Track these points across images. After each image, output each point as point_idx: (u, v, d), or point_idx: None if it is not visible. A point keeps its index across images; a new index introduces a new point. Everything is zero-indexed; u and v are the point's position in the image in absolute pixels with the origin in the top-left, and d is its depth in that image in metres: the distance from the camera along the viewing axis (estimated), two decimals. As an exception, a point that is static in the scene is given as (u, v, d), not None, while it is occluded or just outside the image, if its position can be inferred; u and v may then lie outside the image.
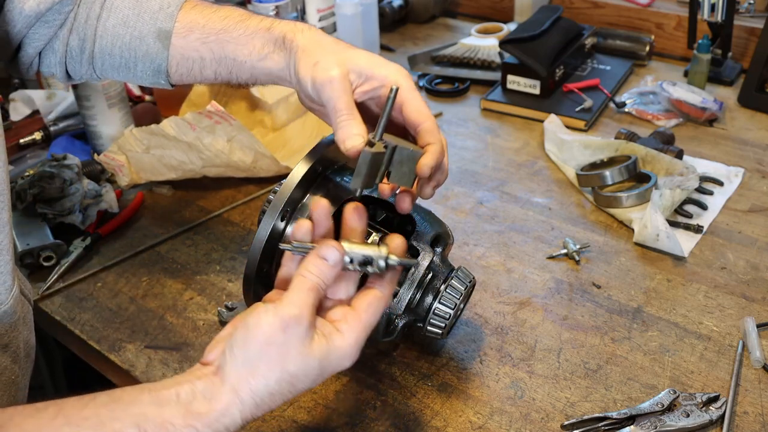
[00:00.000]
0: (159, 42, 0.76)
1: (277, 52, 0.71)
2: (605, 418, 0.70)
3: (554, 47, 1.32)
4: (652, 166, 1.07)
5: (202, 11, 0.76)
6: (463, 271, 0.74)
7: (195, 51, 0.75)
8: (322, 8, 1.55)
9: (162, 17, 0.76)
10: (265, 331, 0.53)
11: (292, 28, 0.71)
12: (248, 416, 0.53)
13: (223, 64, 0.75)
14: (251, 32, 0.73)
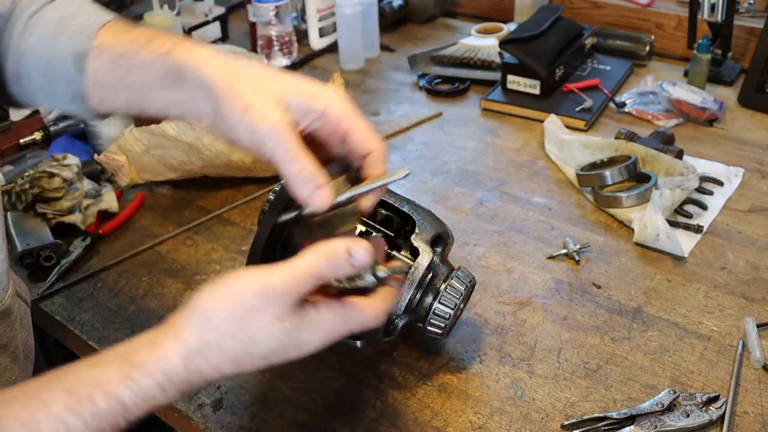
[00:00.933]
0: (75, 64, 0.67)
1: (179, 87, 0.62)
2: (605, 418, 0.70)
3: (554, 47, 1.32)
4: (652, 166, 1.07)
5: (113, 32, 0.67)
6: (463, 271, 0.74)
7: (107, 75, 0.66)
8: (322, 8, 1.55)
9: (80, 38, 0.67)
10: (241, 289, 0.51)
11: (191, 53, 0.61)
12: (192, 366, 0.51)
13: (133, 92, 0.66)
14: (151, 58, 0.63)
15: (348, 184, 0.60)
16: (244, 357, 0.52)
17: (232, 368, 0.52)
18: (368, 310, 0.55)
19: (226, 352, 0.51)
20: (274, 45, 1.51)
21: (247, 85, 0.57)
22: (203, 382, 0.52)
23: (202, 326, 0.51)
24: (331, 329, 0.54)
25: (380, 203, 0.76)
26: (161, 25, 1.25)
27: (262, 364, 0.53)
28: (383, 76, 1.49)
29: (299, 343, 0.53)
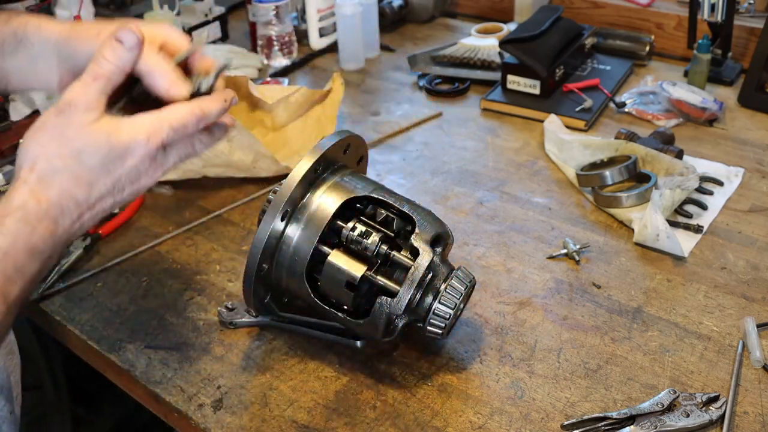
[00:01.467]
0: None
1: (19, 50, 0.68)
2: (605, 418, 0.70)
3: (554, 47, 1.32)
4: (652, 166, 1.07)
5: None
6: (463, 271, 0.74)
7: None
8: (322, 8, 1.55)
9: None
10: (41, 119, 0.56)
11: (28, 19, 0.68)
12: (42, 197, 0.56)
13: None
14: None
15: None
16: (83, 172, 0.57)
17: (84, 189, 0.57)
18: (182, 106, 0.60)
19: (63, 172, 0.56)
20: (274, 45, 1.51)
21: (89, 26, 0.67)
22: (73, 222, 0.58)
23: (33, 162, 0.56)
24: (151, 126, 0.58)
25: (380, 203, 0.76)
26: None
27: (110, 180, 0.58)
28: (383, 76, 1.49)
29: (126, 145, 0.57)
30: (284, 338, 0.83)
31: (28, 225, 0.55)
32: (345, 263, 0.73)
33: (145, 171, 0.59)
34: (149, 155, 0.59)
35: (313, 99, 1.23)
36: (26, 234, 0.55)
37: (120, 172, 0.58)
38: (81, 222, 0.59)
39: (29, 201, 0.55)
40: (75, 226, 0.59)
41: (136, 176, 0.59)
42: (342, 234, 0.74)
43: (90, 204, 0.58)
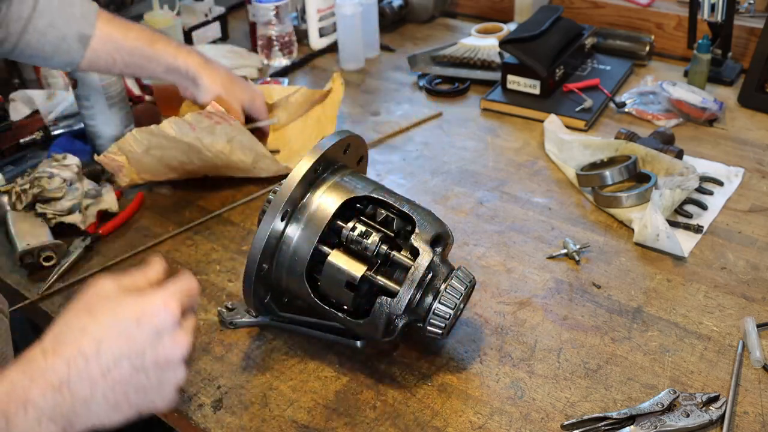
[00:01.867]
0: (80, 44, 0.98)
1: (176, 75, 1.06)
2: (605, 418, 0.70)
3: (554, 47, 1.32)
4: (652, 166, 1.07)
5: (117, 28, 1.00)
6: (463, 271, 0.74)
7: (108, 55, 1.00)
8: (322, 8, 1.55)
9: (84, 24, 0.97)
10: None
11: (192, 60, 1.05)
12: (47, 348, 0.52)
13: (130, 68, 1.04)
14: (160, 54, 1.03)
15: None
16: (93, 327, 0.54)
17: (92, 345, 0.53)
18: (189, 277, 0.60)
19: (75, 330, 0.54)
20: (274, 45, 1.51)
21: (224, 90, 1.08)
22: (82, 382, 0.52)
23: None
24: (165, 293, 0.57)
25: (380, 203, 0.76)
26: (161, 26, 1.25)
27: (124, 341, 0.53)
28: (383, 76, 1.49)
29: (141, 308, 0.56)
30: (284, 338, 0.83)
31: (26, 376, 0.51)
32: (345, 263, 0.73)
33: (168, 336, 0.55)
34: (169, 320, 0.55)
35: (313, 99, 1.23)
36: (24, 385, 0.51)
37: (135, 333, 0.54)
38: (93, 387, 0.52)
39: (37, 355, 0.52)
40: (85, 390, 0.52)
41: (157, 338, 0.54)
42: (342, 234, 0.74)
43: (102, 366, 0.52)
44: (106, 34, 0.99)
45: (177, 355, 0.55)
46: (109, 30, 0.99)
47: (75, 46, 0.97)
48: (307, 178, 0.73)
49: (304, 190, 0.74)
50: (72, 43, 0.97)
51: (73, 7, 0.97)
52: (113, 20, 1.01)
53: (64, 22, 0.96)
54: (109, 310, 0.55)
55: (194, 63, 1.05)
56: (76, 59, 0.99)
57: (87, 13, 0.98)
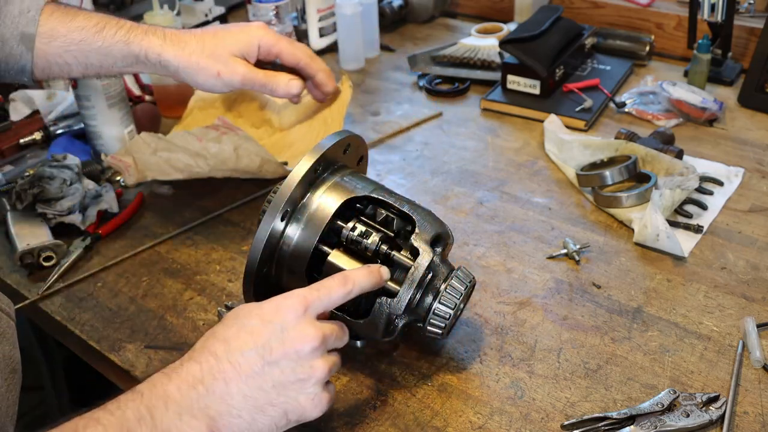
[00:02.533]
0: (22, 45, 0.82)
1: (141, 65, 0.84)
2: (605, 418, 0.70)
3: (554, 47, 1.32)
4: (652, 166, 1.07)
5: (61, 19, 0.83)
6: (463, 271, 0.74)
7: (59, 57, 0.83)
8: (322, 8, 1.55)
9: (23, 21, 0.81)
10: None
11: (149, 42, 0.83)
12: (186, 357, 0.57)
13: (90, 69, 0.85)
14: (109, 44, 0.83)
15: None
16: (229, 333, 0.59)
17: (222, 345, 0.57)
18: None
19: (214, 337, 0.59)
20: (274, 45, 1.51)
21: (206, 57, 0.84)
22: (215, 380, 0.56)
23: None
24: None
25: (380, 203, 0.76)
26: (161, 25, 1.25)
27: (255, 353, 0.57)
28: (383, 76, 1.49)
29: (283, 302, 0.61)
30: (284, 338, 0.83)
31: (165, 375, 0.56)
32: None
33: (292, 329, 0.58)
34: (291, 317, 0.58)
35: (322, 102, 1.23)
36: (163, 382, 0.55)
37: (260, 327, 0.58)
38: (227, 382, 0.55)
39: (176, 363, 0.57)
40: (220, 385, 0.55)
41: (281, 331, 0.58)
42: (342, 234, 0.74)
43: (232, 361, 0.56)
44: (49, 30, 0.82)
45: (306, 348, 0.57)
46: (52, 24, 0.82)
47: (18, 49, 0.82)
48: (307, 178, 0.73)
49: (304, 190, 0.74)
50: (14, 46, 0.81)
51: (11, 5, 0.82)
52: (57, 11, 0.84)
53: (0, 23, 0.81)
54: (239, 318, 0.60)
55: (153, 44, 0.84)
56: (25, 65, 0.83)
57: (27, 9, 0.82)
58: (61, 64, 0.83)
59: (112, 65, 0.85)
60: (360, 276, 0.63)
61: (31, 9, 0.82)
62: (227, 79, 0.85)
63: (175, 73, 0.85)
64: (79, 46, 0.82)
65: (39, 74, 0.85)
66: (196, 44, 0.84)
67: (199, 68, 0.83)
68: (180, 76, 0.85)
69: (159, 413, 0.53)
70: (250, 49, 0.86)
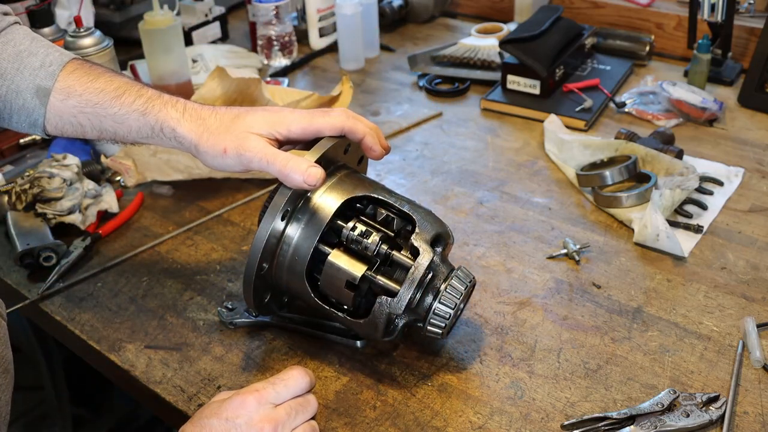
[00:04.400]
0: (37, 99, 0.77)
1: (157, 138, 0.76)
2: (605, 418, 0.70)
3: (554, 47, 1.32)
4: (652, 166, 1.07)
5: (80, 78, 0.77)
6: (463, 270, 0.74)
7: (73, 117, 0.77)
8: (322, 8, 1.55)
9: (42, 75, 0.77)
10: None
11: (166, 114, 0.75)
12: None
13: (105, 134, 0.78)
14: (125, 112, 0.76)
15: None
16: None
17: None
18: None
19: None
20: (274, 45, 1.51)
21: (218, 134, 0.74)
22: None
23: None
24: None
25: (380, 203, 0.76)
26: (161, 26, 1.25)
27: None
28: (383, 76, 1.49)
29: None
30: (284, 338, 0.83)
31: None
32: (345, 263, 0.73)
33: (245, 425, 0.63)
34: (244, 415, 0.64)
35: (323, 104, 1.23)
36: None
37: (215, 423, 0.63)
38: None
39: None
40: None
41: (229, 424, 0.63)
42: (342, 234, 0.74)
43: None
44: (67, 87, 0.77)
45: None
46: (70, 82, 0.77)
47: (32, 102, 0.77)
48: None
49: (304, 190, 0.74)
50: (28, 99, 0.77)
51: (33, 57, 0.77)
52: (79, 69, 0.78)
53: (18, 73, 0.77)
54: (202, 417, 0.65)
55: (170, 117, 0.76)
56: (37, 119, 0.78)
57: (48, 64, 0.77)
58: (74, 124, 0.78)
59: (127, 134, 0.78)
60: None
61: (53, 63, 0.77)
62: (234, 155, 0.73)
63: (194, 151, 0.76)
64: (95, 110, 0.76)
65: (51, 130, 0.79)
66: (214, 120, 0.75)
67: (208, 145, 0.74)
68: (196, 153, 0.76)
69: None
70: (275, 128, 0.75)
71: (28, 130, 0.80)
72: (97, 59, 1.14)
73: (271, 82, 1.43)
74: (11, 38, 0.78)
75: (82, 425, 1.37)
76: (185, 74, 1.31)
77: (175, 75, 1.29)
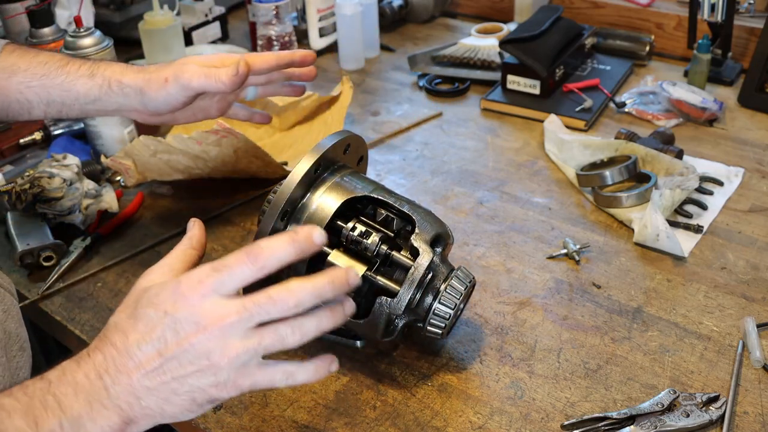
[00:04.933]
0: None
1: (105, 97, 0.79)
2: (605, 418, 0.70)
3: (554, 47, 1.32)
4: (652, 166, 1.07)
5: (22, 56, 0.80)
6: (463, 270, 0.74)
7: (20, 93, 0.79)
8: (322, 8, 1.55)
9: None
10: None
11: (111, 71, 0.79)
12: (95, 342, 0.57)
13: (52, 107, 0.81)
14: (72, 79, 0.79)
15: None
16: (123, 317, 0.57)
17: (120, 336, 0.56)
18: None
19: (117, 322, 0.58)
20: (274, 45, 1.51)
21: (158, 71, 0.78)
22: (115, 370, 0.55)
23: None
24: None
25: (380, 203, 0.76)
26: (161, 26, 1.25)
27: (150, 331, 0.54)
28: (383, 76, 1.49)
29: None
30: (284, 338, 0.83)
31: (74, 361, 0.56)
32: (345, 263, 0.73)
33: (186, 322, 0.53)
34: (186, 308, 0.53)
35: (323, 104, 1.23)
36: (72, 369, 0.55)
37: (154, 318, 0.54)
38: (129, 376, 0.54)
39: (83, 352, 0.57)
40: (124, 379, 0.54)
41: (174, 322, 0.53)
42: (342, 234, 0.74)
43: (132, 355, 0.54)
44: (10, 65, 0.79)
45: (200, 339, 0.53)
46: (12, 60, 0.79)
47: None
48: (307, 178, 0.73)
49: (304, 190, 0.74)
50: None
51: None
52: (18, 49, 0.81)
53: None
54: (138, 304, 0.56)
55: (115, 71, 0.80)
56: None
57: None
58: (21, 101, 0.80)
59: (74, 101, 0.80)
60: (276, 244, 0.54)
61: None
62: (174, 82, 0.77)
63: (139, 98, 0.79)
64: (41, 81, 0.79)
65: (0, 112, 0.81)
66: (155, 66, 0.80)
67: (151, 80, 0.78)
68: (142, 98, 0.79)
69: (68, 400, 0.53)
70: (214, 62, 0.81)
71: None
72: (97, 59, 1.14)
73: (271, 82, 1.42)
74: None
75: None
76: (185, 74, 1.30)
77: (175, 75, 1.29)
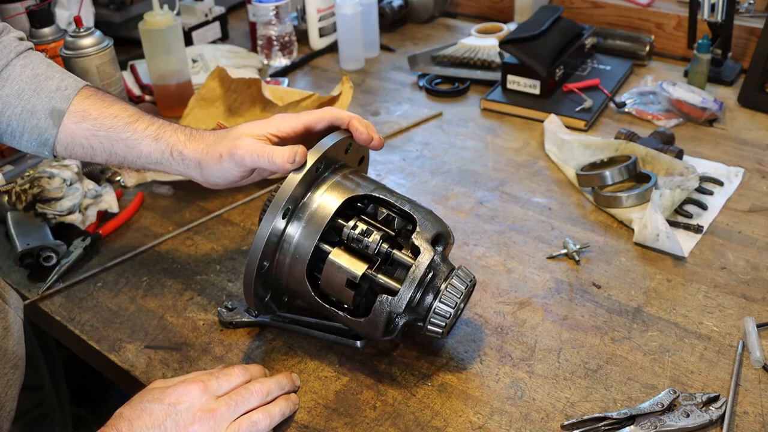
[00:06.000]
0: (50, 119, 0.81)
1: (166, 162, 0.80)
2: (605, 418, 0.70)
3: (554, 47, 1.32)
4: (652, 166, 1.07)
5: (95, 103, 0.82)
6: (463, 270, 0.74)
7: (85, 139, 0.81)
8: (322, 8, 1.55)
9: (58, 97, 0.81)
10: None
11: (176, 139, 0.80)
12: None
13: (114, 158, 0.82)
14: (138, 137, 0.80)
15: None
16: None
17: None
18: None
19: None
20: (274, 45, 1.51)
21: (214, 145, 0.78)
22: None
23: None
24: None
25: (381, 202, 0.76)
26: (161, 26, 1.25)
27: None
28: (383, 76, 1.49)
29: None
30: (284, 338, 0.83)
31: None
32: (346, 261, 0.73)
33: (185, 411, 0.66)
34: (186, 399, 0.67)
35: (322, 104, 1.23)
36: None
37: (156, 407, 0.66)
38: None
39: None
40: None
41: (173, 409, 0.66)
42: (343, 232, 0.74)
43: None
44: (79, 111, 0.81)
45: (197, 428, 0.65)
46: (85, 106, 0.81)
47: (45, 122, 0.81)
48: (308, 177, 0.73)
49: (305, 188, 0.74)
50: (42, 119, 0.81)
51: (49, 81, 0.82)
52: (94, 95, 0.83)
53: (35, 94, 0.81)
54: (143, 400, 0.67)
55: (178, 140, 0.80)
56: (48, 138, 0.81)
57: (64, 87, 0.82)
58: (85, 147, 0.82)
59: (136, 158, 0.81)
60: (267, 382, 0.72)
61: (68, 88, 0.82)
62: (228, 158, 0.76)
63: (197, 171, 0.79)
64: (108, 134, 0.81)
65: (61, 151, 0.83)
66: (214, 136, 0.79)
67: (208, 155, 0.78)
68: (201, 171, 0.79)
69: None
70: (266, 129, 0.77)
71: (36, 150, 0.83)
72: (97, 59, 1.14)
73: (271, 82, 1.43)
74: (29, 62, 0.82)
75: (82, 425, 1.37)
76: (185, 74, 1.31)
77: (175, 75, 1.29)
